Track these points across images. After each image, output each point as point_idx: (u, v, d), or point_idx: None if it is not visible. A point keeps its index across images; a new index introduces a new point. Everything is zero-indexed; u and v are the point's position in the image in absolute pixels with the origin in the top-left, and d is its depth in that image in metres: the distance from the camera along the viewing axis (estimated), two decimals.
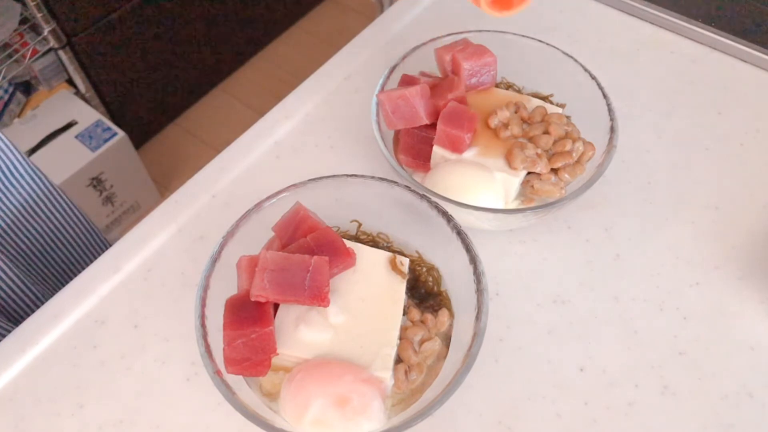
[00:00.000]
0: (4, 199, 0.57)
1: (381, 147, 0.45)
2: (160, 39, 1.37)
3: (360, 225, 0.45)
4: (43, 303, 0.47)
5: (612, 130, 0.46)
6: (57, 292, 0.47)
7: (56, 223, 0.62)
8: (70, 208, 0.63)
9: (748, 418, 0.40)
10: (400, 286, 0.40)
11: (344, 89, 0.59)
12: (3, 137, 0.55)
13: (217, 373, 0.35)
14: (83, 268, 0.48)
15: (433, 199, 0.41)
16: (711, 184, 0.51)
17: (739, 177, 0.52)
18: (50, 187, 0.61)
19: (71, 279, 0.48)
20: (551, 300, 0.45)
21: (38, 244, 0.61)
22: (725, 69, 0.59)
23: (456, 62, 0.49)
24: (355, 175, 0.43)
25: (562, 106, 0.51)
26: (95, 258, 0.49)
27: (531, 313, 0.45)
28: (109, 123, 1.32)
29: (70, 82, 1.35)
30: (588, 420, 0.40)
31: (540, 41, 0.51)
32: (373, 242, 0.45)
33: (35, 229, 0.60)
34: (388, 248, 0.44)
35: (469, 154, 0.46)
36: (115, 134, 1.30)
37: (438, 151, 0.46)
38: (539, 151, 0.45)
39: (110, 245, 0.50)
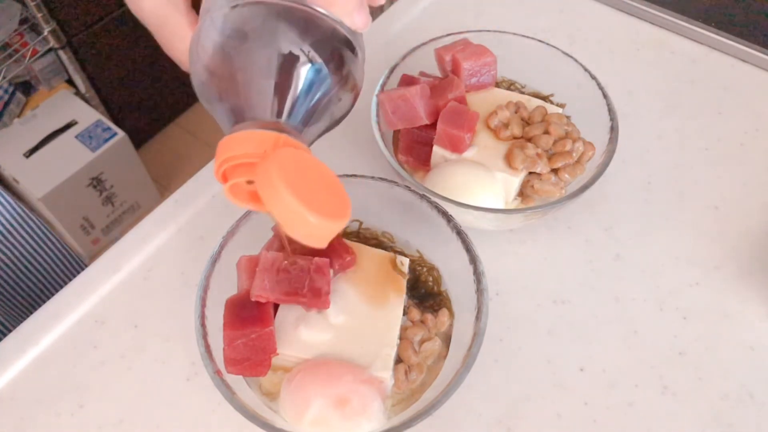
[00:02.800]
0: None
1: (381, 147, 0.45)
2: None
3: (361, 224, 0.45)
4: (9, 331, 0.46)
5: (612, 130, 0.46)
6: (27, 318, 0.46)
7: (29, 249, 0.60)
8: (44, 233, 0.61)
9: (748, 418, 0.40)
10: (400, 286, 0.40)
11: None
12: None
13: (217, 373, 0.35)
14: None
15: (433, 199, 0.41)
16: (711, 184, 0.51)
17: (739, 177, 0.52)
18: (23, 213, 0.59)
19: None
20: (551, 300, 0.45)
21: (10, 271, 0.59)
22: (725, 69, 0.59)
23: (456, 62, 0.49)
24: (355, 175, 0.43)
25: (562, 106, 0.51)
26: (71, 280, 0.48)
27: (531, 313, 0.45)
28: (109, 123, 1.32)
29: (70, 82, 1.35)
30: (588, 420, 0.40)
31: (540, 41, 0.51)
32: (377, 241, 0.45)
33: (7, 256, 0.58)
34: (391, 248, 0.44)
35: (469, 154, 0.46)
36: (115, 134, 1.30)
37: (438, 151, 0.46)
38: (539, 151, 0.45)
39: (87, 266, 0.49)
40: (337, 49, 0.29)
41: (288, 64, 0.27)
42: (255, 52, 0.28)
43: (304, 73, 0.28)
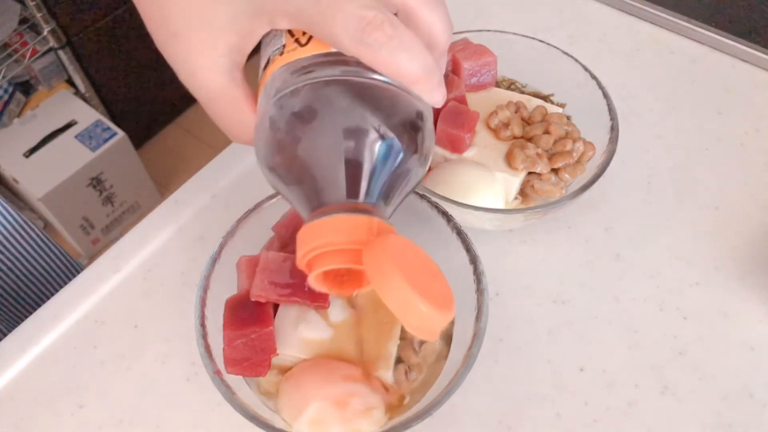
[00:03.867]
0: None
1: None
2: None
3: None
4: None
5: (612, 130, 0.46)
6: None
7: (27, 256, 0.59)
8: (43, 241, 0.61)
9: (748, 418, 0.40)
10: None
11: None
12: None
13: (217, 373, 0.35)
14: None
15: (433, 199, 0.41)
16: (711, 184, 0.51)
17: (739, 177, 0.52)
18: (21, 220, 0.58)
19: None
20: (551, 300, 0.45)
21: (8, 279, 0.59)
22: (725, 69, 0.59)
23: (456, 62, 0.49)
24: None
25: (562, 105, 0.51)
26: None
27: (531, 313, 0.45)
28: (109, 123, 1.32)
29: (70, 81, 1.35)
30: (588, 420, 0.40)
31: (540, 41, 0.51)
32: None
33: (4, 263, 0.58)
34: None
35: (469, 154, 0.46)
36: (115, 134, 1.30)
37: (438, 151, 0.46)
38: (539, 151, 0.45)
39: (87, 267, 0.49)
40: (418, 125, 0.28)
41: (373, 144, 0.26)
42: (337, 133, 0.26)
43: (388, 152, 0.27)
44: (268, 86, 0.29)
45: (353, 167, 0.26)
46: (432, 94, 0.28)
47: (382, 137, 0.26)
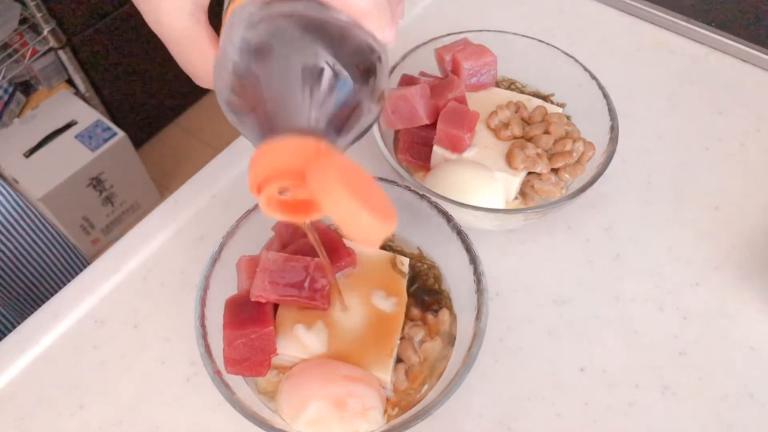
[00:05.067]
0: None
1: (381, 147, 0.45)
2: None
3: None
4: (13, 325, 0.46)
5: (612, 130, 0.46)
6: (29, 313, 0.46)
7: (29, 241, 0.60)
8: (44, 225, 0.61)
9: (748, 418, 0.40)
10: (401, 286, 0.40)
11: None
12: None
13: (217, 373, 0.35)
14: (59, 288, 0.47)
15: (433, 199, 0.41)
16: (711, 184, 0.51)
17: (739, 177, 0.52)
18: (23, 204, 0.59)
19: (46, 299, 0.47)
20: (551, 300, 0.45)
21: (10, 262, 0.59)
22: (725, 69, 0.59)
23: (456, 62, 0.49)
24: None
25: (562, 105, 0.51)
26: (73, 277, 0.48)
27: (531, 313, 0.45)
28: (109, 123, 1.32)
29: (70, 81, 1.35)
30: (588, 420, 0.40)
31: (540, 41, 0.51)
32: None
33: (7, 246, 0.59)
34: (391, 248, 0.44)
35: (469, 154, 0.46)
36: (115, 134, 1.30)
37: (438, 151, 0.46)
38: (539, 151, 0.45)
39: (90, 263, 0.49)
40: (370, 61, 0.29)
41: (323, 76, 0.27)
42: (289, 65, 0.27)
43: (338, 85, 0.28)
44: (228, 23, 0.30)
45: (303, 99, 0.27)
46: (383, 31, 0.29)
47: (333, 68, 0.27)
